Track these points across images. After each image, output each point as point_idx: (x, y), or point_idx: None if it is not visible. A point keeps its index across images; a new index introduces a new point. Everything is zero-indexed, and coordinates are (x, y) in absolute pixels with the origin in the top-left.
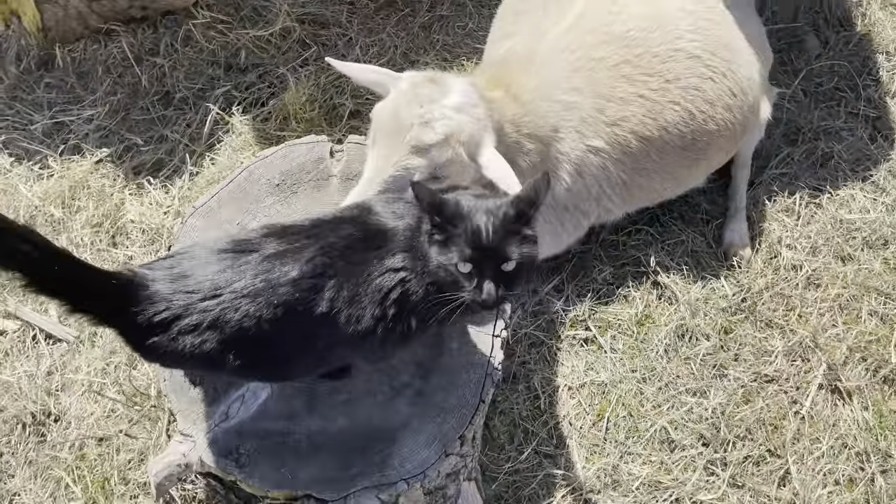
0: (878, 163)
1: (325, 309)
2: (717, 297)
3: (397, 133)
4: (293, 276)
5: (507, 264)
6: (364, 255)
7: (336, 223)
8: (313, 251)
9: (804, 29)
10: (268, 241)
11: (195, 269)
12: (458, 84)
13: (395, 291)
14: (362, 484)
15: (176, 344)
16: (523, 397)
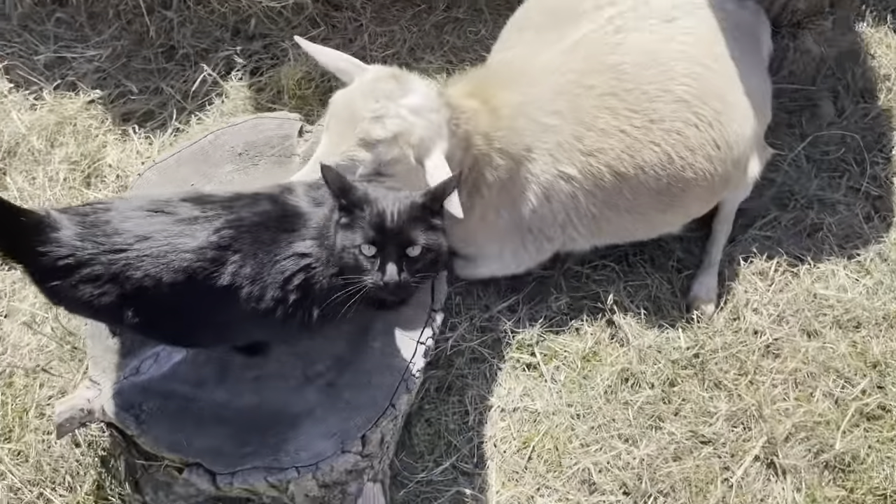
0: (868, 243)
1: (227, 282)
2: (669, 347)
3: (349, 123)
4: (197, 245)
5: (412, 249)
6: (274, 236)
7: (254, 199)
8: (223, 223)
9: (821, 94)
10: (183, 205)
11: (109, 222)
12: (421, 87)
13: (297, 277)
14: (253, 463)
15: (76, 291)
16: (453, 410)
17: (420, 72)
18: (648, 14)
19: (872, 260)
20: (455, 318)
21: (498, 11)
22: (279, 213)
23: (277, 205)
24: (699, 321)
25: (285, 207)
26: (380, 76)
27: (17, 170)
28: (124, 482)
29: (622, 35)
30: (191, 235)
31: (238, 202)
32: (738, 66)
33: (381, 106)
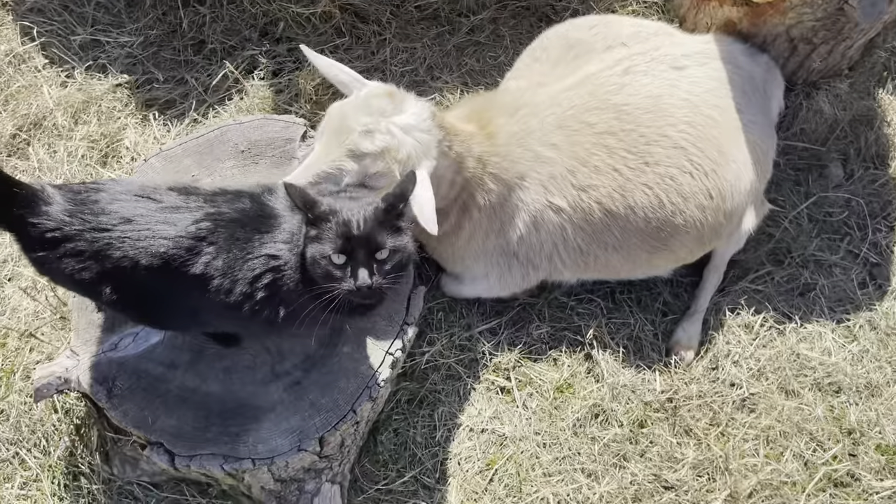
0: (859, 309)
1: (199, 271)
2: (644, 388)
3: (341, 133)
4: (175, 233)
5: (381, 252)
6: (249, 234)
7: (236, 196)
8: (202, 215)
9: (831, 156)
10: (169, 194)
11: (98, 202)
12: (415, 106)
13: (266, 276)
14: (211, 449)
15: (60, 263)
16: (422, 423)
17: (435, 90)
18: (658, 60)
19: (861, 327)
20: (435, 333)
21: (519, 39)
22: (256, 213)
23: (256, 204)
24: (677, 366)
25: (263, 208)
26: (376, 92)
27: (41, 142)
28: (95, 452)
29: (629, 77)
30: (171, 223)
31: (220, 197)
32: (743, 119)
33: (372, 121)
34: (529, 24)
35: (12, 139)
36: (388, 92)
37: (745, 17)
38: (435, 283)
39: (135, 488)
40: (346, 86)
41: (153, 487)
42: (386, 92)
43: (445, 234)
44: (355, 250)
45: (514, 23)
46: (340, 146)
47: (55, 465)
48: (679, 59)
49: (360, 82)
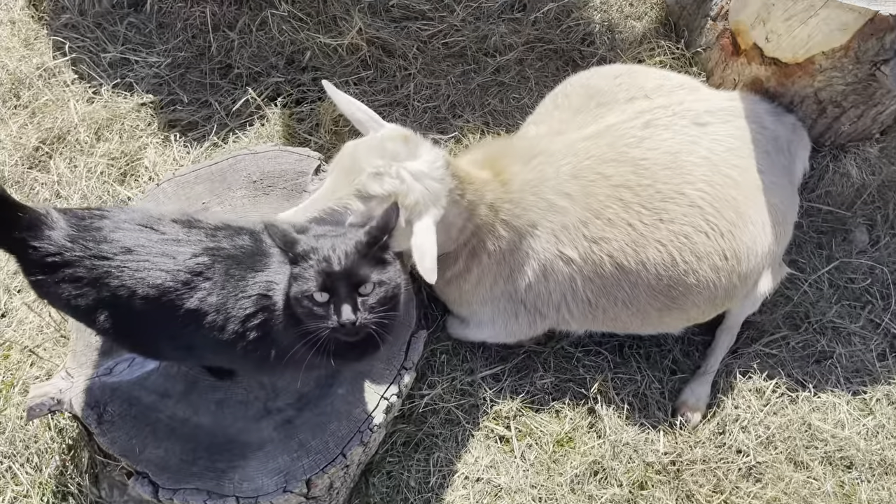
0: (877, 382)
1: (193, 306)
2: (647, 448)
3: (351, 173)
4: (172, 266)
5: (364, 287)
6: (243, 271)
7: (237, 232)
8: (201, 249)
9: (856, 221)
10: (172, 226)
11: (101, 230)
12: (429, 153)
13: (257, 317)
14: (196, 484)
15: (58, 288)
16: (417, 467)
17: (456, 129)
18: (680, 115)
19: (878, 400)
20: (437, 375)
21: (544, 82)
22: (252, 250)
23: (254, 241)
24: (683, 428)
25: (261, 246)
26: (392, 135)
27: (63, 156)
28: (84, 474)
29: (650, 130)
30: (171, 256)
31: (221, 231)
32: (764, 180)
33: (384, 163)
34: (556, 68)
35: (35, 151)
36: (404, 136)
37: (773, 77)
38: (441, 324)
39: None
40: (363, 125)
41: None
42: (402, 136)
43: (454, 277)
44: (337, 287)
45: (540, 65)
46: (349, 185)
47: (46, 482)
48: (702, 116)
49: (377, 122)
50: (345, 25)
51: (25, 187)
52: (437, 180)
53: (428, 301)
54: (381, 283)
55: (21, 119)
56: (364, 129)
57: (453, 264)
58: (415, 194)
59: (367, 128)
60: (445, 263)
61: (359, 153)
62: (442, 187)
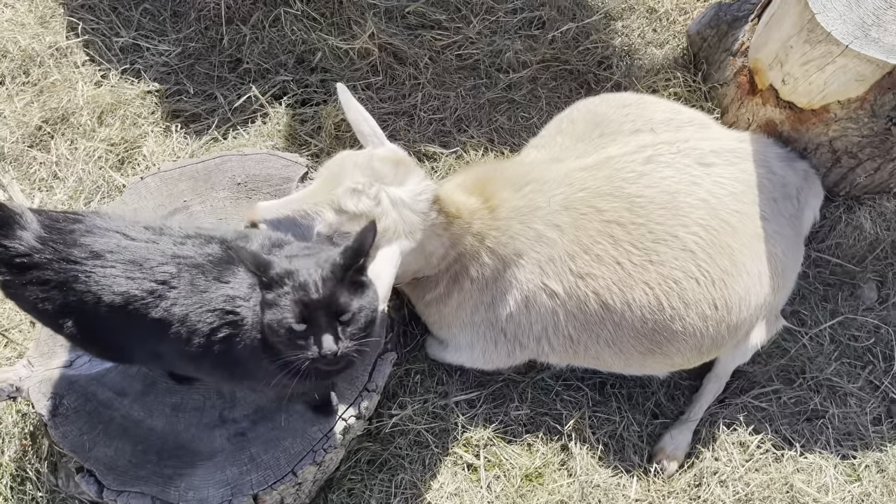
0: (869, 448)
1: (158, 316)
2: (618, 493)
3: (332, 182)
4: (138, 275)
5: (345, 315)
6: (209, 282)
7: (206, 241)
8: (167, 258)
9: (866, 276)
10: (143, 232)
11: (73, 233)
12: (417, 184)
13: (222, 331)
14: (141, 488)
15: (24, 290)
16: (380, 488)
17: (459, 144)
18: (685, 153)
19: (868, 467)
20: (409, 396)
21: (555, 103)
22: (220, 260)
23: (223, 251)
24: (657, 476)
25: (229, 258)
26: (384, 156)
27: (64, 137)
28: (44, 461)
29: (651, 166)
30: (138, 264)
31: (191, 240)
32: (766, 228)
33: (366, 182)
34: (569, 89)
35: (37, 130)
36: (397, 159)
37: (788, 121)
38: (419, 342)
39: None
40: (364, 137)
41: None
42: (394, 159)
43: (433, 300)
44: (316, 316)
45: (553, 85)
46: (327, 194)
47: (6, 464)
48: (707, 156)
49: (379, 139)
50: (358, 29)
51: (24, 165)
52: (415, 212)
53: (408, 319)
54: (361, 308)
55: (27, 97)
56: (364, 142)
57: (434, 288)
58: (388, 220)
59: (367, 141)
60: (426, 286)
61: (346, 165)
62: (419, 220)
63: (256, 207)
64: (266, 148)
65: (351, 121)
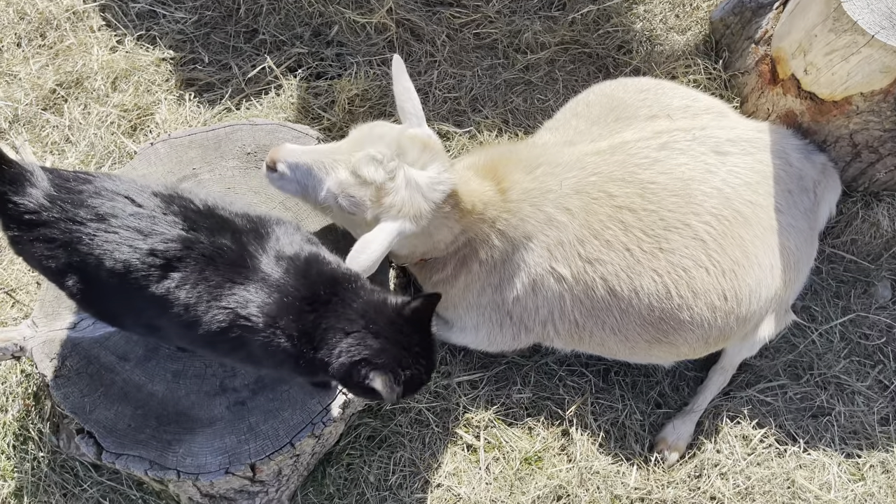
0: (874, 447)
1: (160, 293)
2: (617, 480)
3: (357, 145)
4: (143, 245)
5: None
6: (220, 279)
7: (218, 227)
8: (175, 236)
9: (880, 275)
10: (152, 199)
11: (81, 193)
12: (438, 174)
13: (233, 331)
14: (140, 452)
15: (31, 246)
16: (379, 464)
17: (473, 124)
18: (701, 140)
19: (873, 467)
20: None
21: (573, 86)
22: (234, 258)
23: (237, 247)
24: (658, 465)
25: (243, 254)
26: (415, 135)
27: (77, 101)
28: (46, 422)
29: (665, 153)
30: (142, 234)
31: (202, 221)
32: (780, 221)
33: (387, 154)
34: (587, 73)
35: (51, 93)
36: (425, 143)
37: (808, 112)
38: None
39: (77, 465)
40: (404, 113)
41: (94, 469)
42: (424, 142)
43: (440, 282)
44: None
45: (571, 68)
46: (348, 154)
47: (9, 423)
48: (723, 144)
49: (418, 119)
50: (376, 3)
51: (36, 128)
52: (427, 200)
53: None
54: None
55: (43, 60)
56: (403, 118)
57: (441, 269)
58: (396, 197)
59: (406, 118)
60: (434, 267)
61: (375, 132)
62: (429, 209)
63: (282, 147)
64: (278, 119)
65: (396, 94)
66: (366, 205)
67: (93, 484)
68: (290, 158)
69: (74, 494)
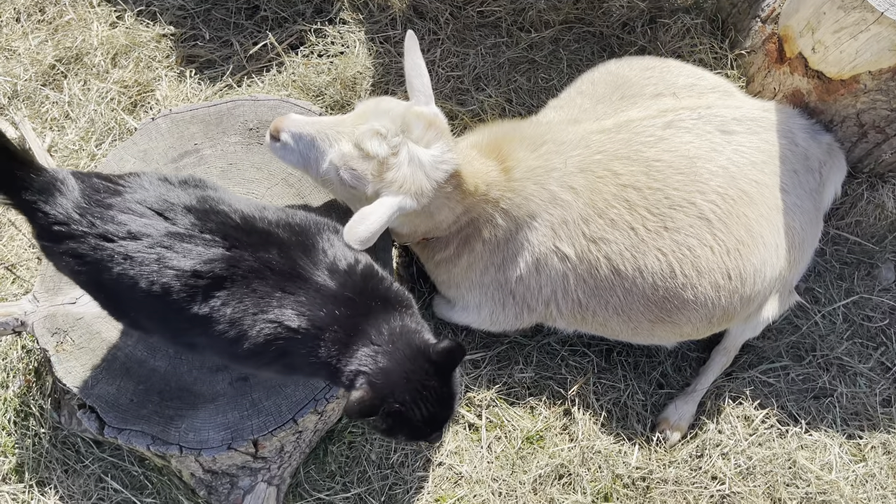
0: (876, 428)
1: (203, 312)
2: (618, 460)
3: (362, 119)
4: (184, 265)
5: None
6: (269, 290)
7: (262, 241)
8: (218, 255)
9: (884, 257)
10: (185, 216)
11: (111, 207)
12: (442, 153)
13: (276, 344)
14: (142, 427)
15: (61, 259)
16: (380, 442)
17: (476, 102)
18: (706, 119)
19: (874, 448)
20: None
21: (577, 65)
22: (284, 269)
23: (286, 260)
24: (659, 445)
25: (295, 267)
26: (421, 112)
27: (77, 77)
28: (47, 398)
29: (670, 131)
30: (181, 253)
31: (244, 237)
32: (786, 200)
33: (392, 129)
34: (591, 52)
35: (50, 69)
36: (430, 121)
37: (815, 91)
38: (426, 302)
39: (78, 441)
40: (413, 90)
41: (95, 445)
42: (429, 119)
43: (443, 261)
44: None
45: (576, 47)
46: (353, 128)
47: (10, 399)
48: (729, 123)
49: (426, 97)
50: None
51: (36, 104)
52: (429, 178)
53: (416, 277)
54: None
55: (42, 35)
56: (411, 95)
57: (444, 248)
58: (398, 173)
59: (414, 95)
60: (436, 246)
61: (381, 107)
62: (430, 187)
63: (287, 117)
64: (280, 96)
65: (406, 69)
66: (367, 179)
67: (94, 460)
68: (294, 129)
69: (76, 470)
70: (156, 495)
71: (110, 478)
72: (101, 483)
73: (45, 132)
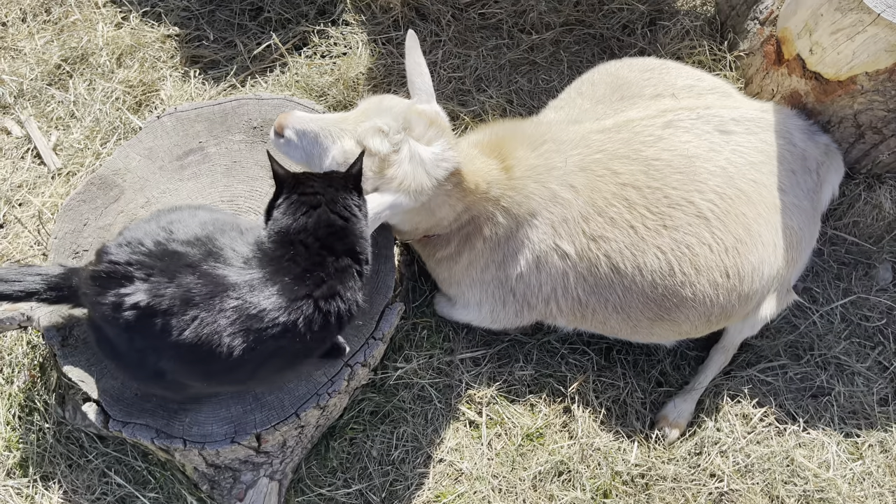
0: (873, 427)
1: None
2: (618, 457)
3: (364, 116)
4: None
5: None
6: (212, 308)
7: (176, 261)
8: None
9: (882, 257)
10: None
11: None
12: (443, 151)
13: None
14: (146, 420)
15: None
16: (382, 439)
17: (478, 104)
18: (705, 119)
19: (871, 446)
20: (414, 350)
21: (577, 66)
22: (208, 287)
23: (203, 277)
24: (658, 442)
25: (214, 279)
26: (422, 111)
27: (83, 76)
28: (52, 393)
29: (670, 131)
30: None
31: (156, 262)
32: (784, 200)
33: (394, 127)
34: (592, 53)
35: (56, 69)
36: (432, 119)
37: (813, 92)
38: (427, 299)
39: (82, 436)
40: (414, 89)
41: (99, 440)
42: (431, 118)
43: (444, 258)
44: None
45: (576, 49)
46: (355, 125)
47: (14, 394)
48: (727, 123)
49: (427, 95)
50: None
51: (41, 103)
52: (430, 176)
53: (417, 274)
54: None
55: (48, 35)
56: (412, 94)
57: (445, 246)
58: (399, 170)
59: (415, 94)
60: (437, 244)
61: (383, 105)
62: (430, 185)
63: (291, 114)
64: (284, 95)
65: (408, 68)
66: (367, 175)
67: (98, 455)
68: (298, 125)
69: (80, 465)
70: (159, 490)
71: (114, 472)
72: (105, 478)
73: (51, 131)
